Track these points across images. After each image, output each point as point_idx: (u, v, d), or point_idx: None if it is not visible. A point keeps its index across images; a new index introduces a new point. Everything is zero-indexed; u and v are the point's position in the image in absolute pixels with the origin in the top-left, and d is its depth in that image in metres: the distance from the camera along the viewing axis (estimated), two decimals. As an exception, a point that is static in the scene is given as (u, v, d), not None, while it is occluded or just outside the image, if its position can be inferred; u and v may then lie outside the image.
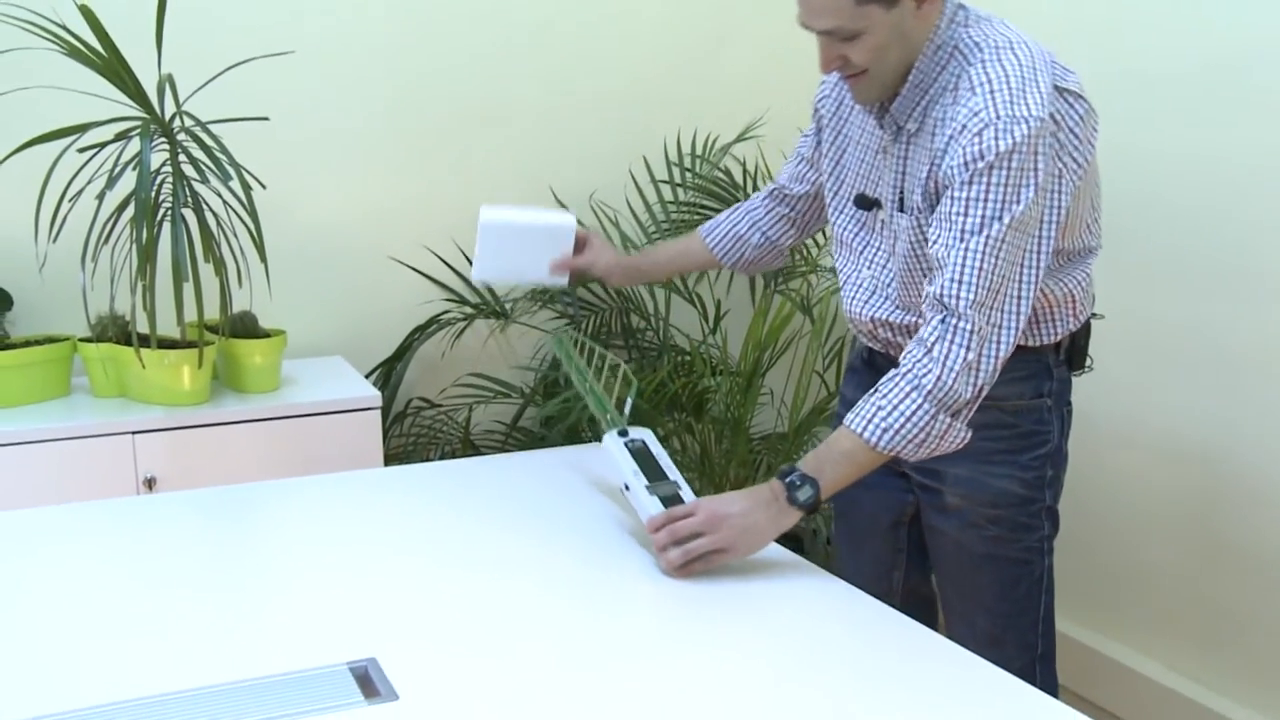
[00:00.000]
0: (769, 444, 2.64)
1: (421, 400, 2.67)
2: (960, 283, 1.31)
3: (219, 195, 2.07)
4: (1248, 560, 2.06)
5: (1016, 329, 1.33)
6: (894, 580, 1.64)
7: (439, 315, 2.64)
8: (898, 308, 1.48)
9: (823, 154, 1.55)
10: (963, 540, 1.48)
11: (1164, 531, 2.21)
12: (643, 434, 1.41)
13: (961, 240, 1.31)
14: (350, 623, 1.19)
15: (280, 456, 2.14)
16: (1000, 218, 1.29)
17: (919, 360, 1.32)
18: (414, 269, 2.63)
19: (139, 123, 1.96)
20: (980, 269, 1.30)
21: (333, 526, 1.46)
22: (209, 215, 2.02)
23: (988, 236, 1.29)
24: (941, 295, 1.33)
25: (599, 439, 1.47)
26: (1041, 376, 1.46)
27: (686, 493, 1.36)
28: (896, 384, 1.32)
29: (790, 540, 2.68)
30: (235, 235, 2.10)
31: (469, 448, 2.62)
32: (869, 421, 1.31)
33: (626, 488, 1.36)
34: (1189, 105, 2.06)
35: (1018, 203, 1.29)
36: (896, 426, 1.30)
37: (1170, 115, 2.09)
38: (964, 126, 1.30)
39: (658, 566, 1.31)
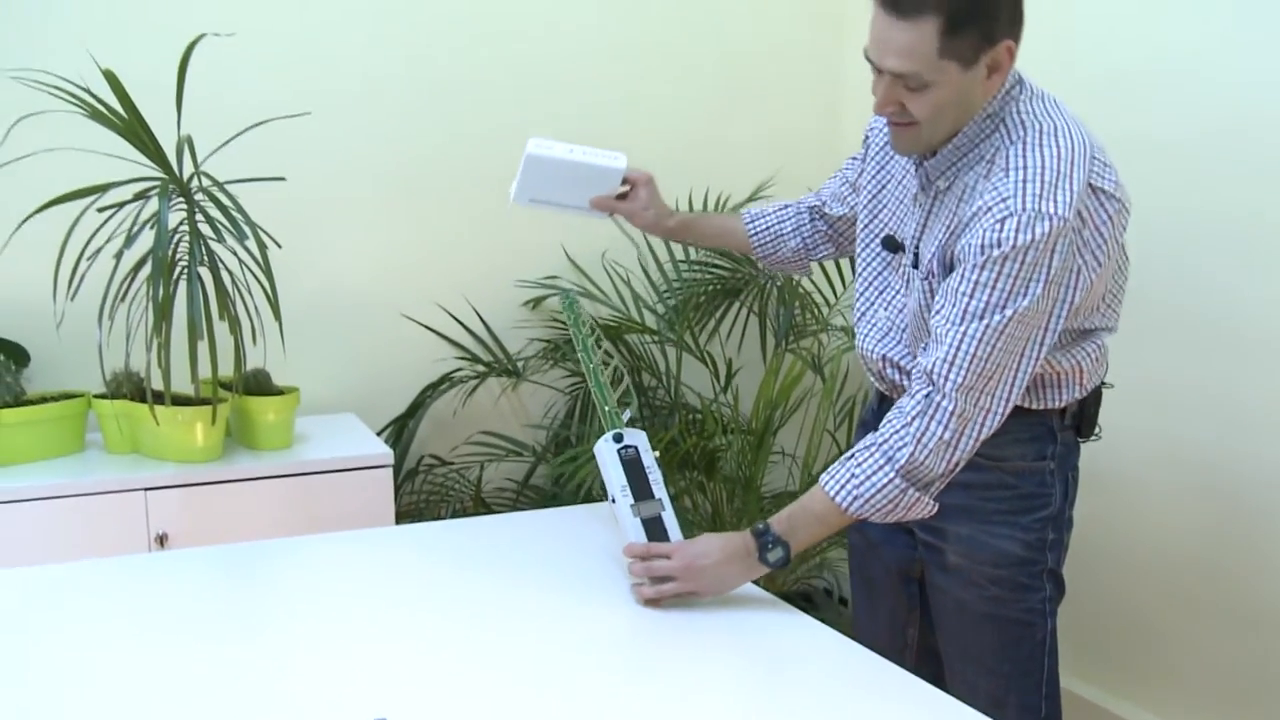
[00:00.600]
0: (780, 502, 2.62)
1: (433, 458, 2.67)
2: (951, 364, 1.32)
3: (234, 254, 2.08)
4: (1264, 617, 2.05)
5: (1002, 413, 1.36)
6: (908, 636, 1.63)
7: (451, 373, 2.64)
8: (909, 352, 1.49)
9: (863, 185, 1.55)
10: (964, 599, 1.47)
11: (1176, 586, 2.20)
12: (637, 440, 1.41)
13: (962, 322, 1.32)
14: (362, 682, 1.18)
15: (292, 514, 2.14)
16: (1004, 308, 1.29)
17: (896, 432, 1.35)
18: (427, 327, 2.63)
19: (158, 183, 1.98)
20: (974, 355, 1.31)
21: (344, 584, 1.45)
22: (224, 273, 2.03)
23: (988, 325, 1.30)
24: (931, 370, 1.34)
25: (607, 496, 1.48)
26: (1045, 440, 1.46)
27: (669, 517, 1.40)
28: (871, 454, 1.34)
29: (802, 600, 2.67)
30: (250, 293, 2.11)
31: (480, 506, 2.61)
32: (841, 486, 1.34)
33: (613, 500, 1.41)
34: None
35: (1024, 296, 1.29)
36: (867, 495, 1.33)
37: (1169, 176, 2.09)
38: (989, 209, 1.30)
39: (630, 584, 1.38)
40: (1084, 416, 1.49)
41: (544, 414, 2.76)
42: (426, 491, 2.62)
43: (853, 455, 1.36)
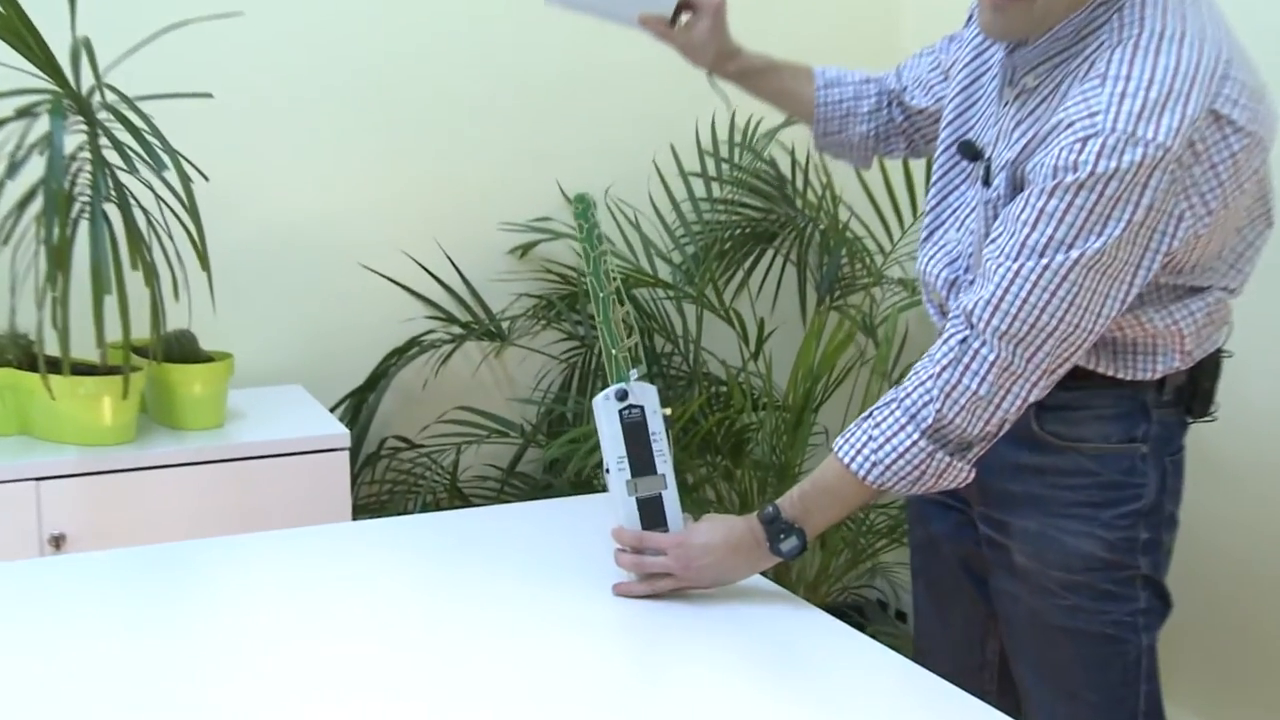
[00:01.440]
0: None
1: (399, 440, 2.66)
2: (996, 307, 1.32)
3: (150, 188, 2.04)
4: None
5: (1056, 374, 1.36)
6: (987, 650, 1.63)
7: (420, 336, 2.63)
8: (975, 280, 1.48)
9: (955, 74, 1.56)
10: (1036, 609, 1.48)
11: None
12: (644, 397, 1.44)
13: (1017, 257, 1.31)
14: (306, 717, 1.18)
15: (224, 509, 2.14)
16: (1070, 248, 1.29)
17: (922, 384, 1.37)
18: (390, 279, 2.64)
19: (48, 97, 1.93)
20: (1024, 300, 1.31)
21: (288, 595, 1.45)
22: (138, 212, 1.99)
23: (1047, 265, 1.30)
24: (971, 311, 1.34)
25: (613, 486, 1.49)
26: (1135, 417, 1.45)
27: (670, 499, 1.45)
28: (891, 412, 1.38)
29: (852, 613, 2.66)
30: (171, 237, 2.07)
31: (457, 498, 2.61)
32: (857, 452, 1.38)
33: (608, 470, 1.44)
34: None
35: (1097, 237, 1.28)
36: (887, 461, 1.37)
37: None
38: (1072, 123, 1.29)
39: (615, 564, 1.46)
40: (1194, 391, 1.48)
41: (535, 386, 2.76)
42: (391, 480, 2.61)
43: (870, 414, 1.40)
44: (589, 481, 2.48)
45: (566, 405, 2.68)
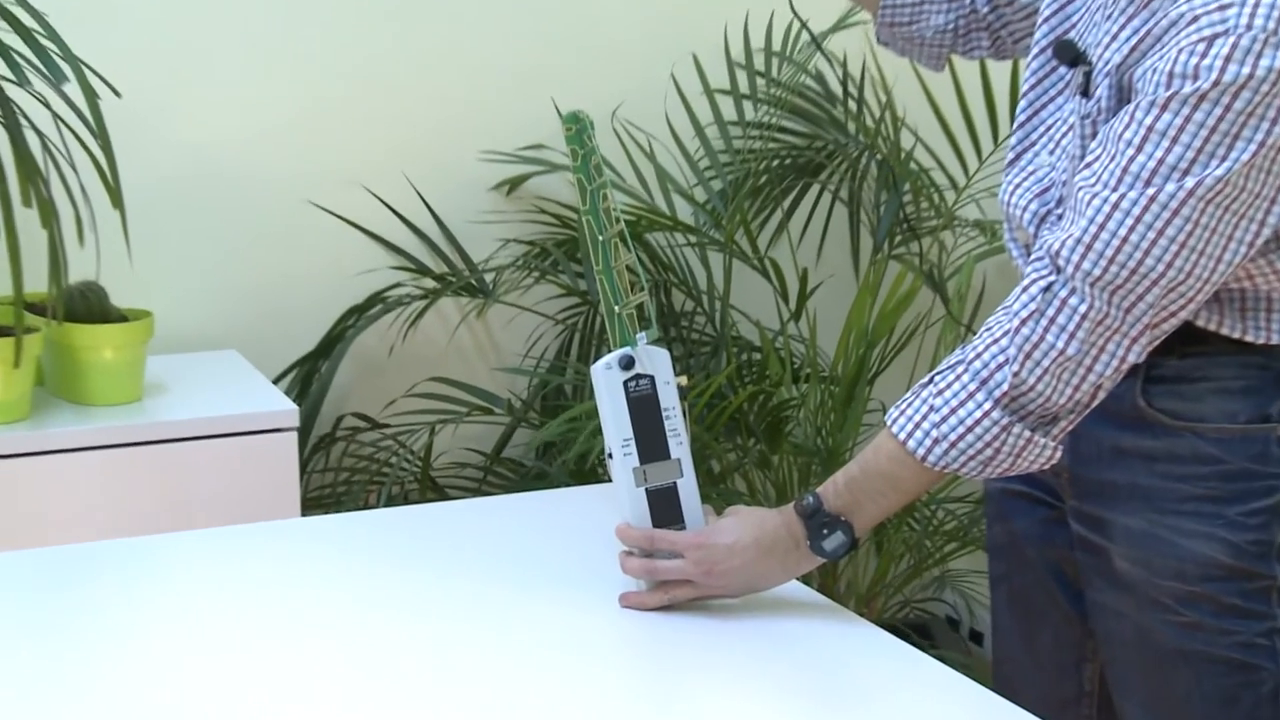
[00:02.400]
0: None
1: (359, 418, 2.68)
2: (1089, 246, 1.32)
3: (46, 105, 2.03)
4: None
5: (1164, 330, 1.36)
6: (1084, 677, 1.64)
7: (385, 291, 2.64)
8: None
9: None
10: (1144, 627, 1.49)
11: None
12: (655, 365, 1.46)
13: (1116, 185, 1.31)
14: None
15: (141, 503, 2.14)
16: (1184, 175, 1.29)
17: (996, 341, 1.38)
18: (348, 221, 2.65)
19: None
20: (1124, 238, 1.30)
21: (220, 610, 1.46)
22: (31, 135, 1.97)
23: (1154, 195, 1.29)
24: (1058, 252, 1.34)
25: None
26: (1268, 391, 1.45)
27: (688, 488, 1.47)
28: (958, 376, 1.39)
29: (915, 632, 2.67)
30: (74, 167, 2.06)
31: (430, 488, 2.62)
32: (916, 425, 1.40)
33: (611, 455, 1.46)
34: None
35: (1220, 161, 1.28)
36: (953, 438, 1.38)
37: None
38: (1196, 17, 1.28)
39: (622, 569, 1.47)
40: None
41: (525, 352, 2.77)
42: (349, 469, 2.63)
43: (932, 380, 1.41)
44: (592, 469, 2.48)
45: (564, 376, 2.69)
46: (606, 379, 1.45)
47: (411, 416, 2.67)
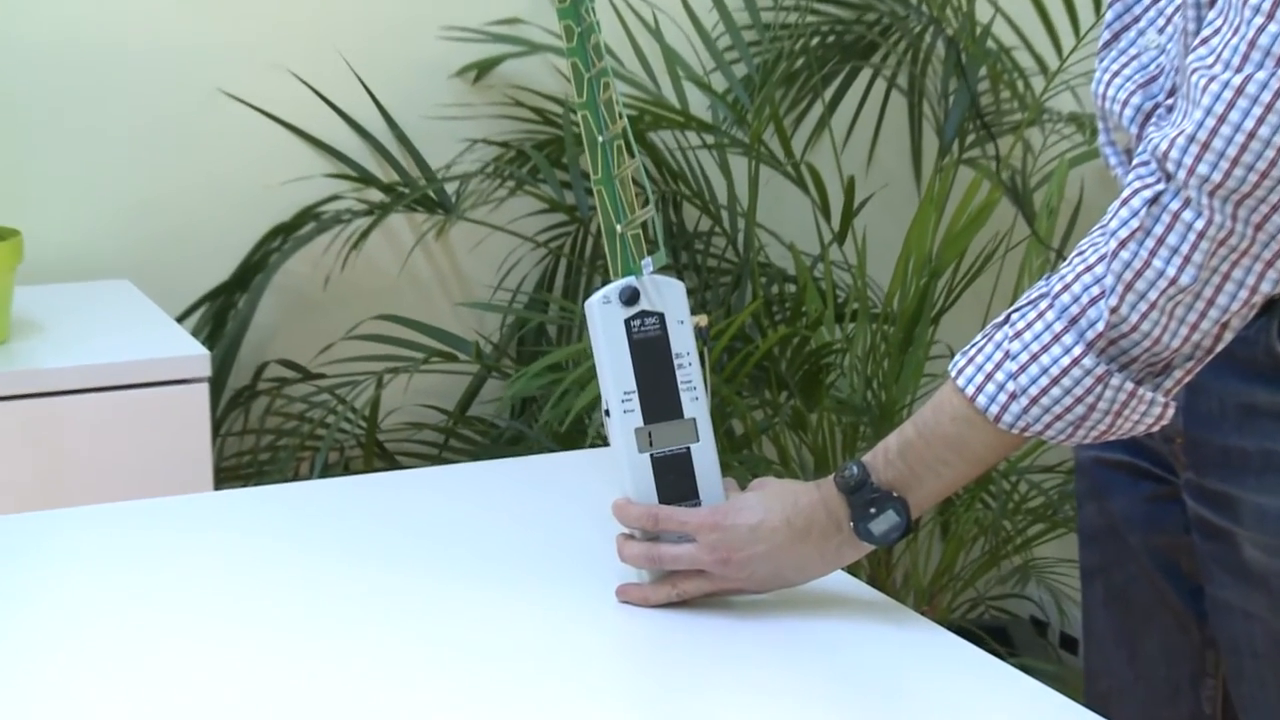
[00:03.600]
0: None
1: (286, 366, 2.70)
2: (1206, 145, 1.30)
3: None
4: None
5: None
6: (1201, 695, 1.64)
7: (318, 206, 2.66)
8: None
9: None
10: (1278, 629, 1.48)
11: None
12: (665, 298, 1.47)
13: (1241, 65, 1.30)
14: None
15: (12, 470, 2.15)
16: None
17: (1089, 268, 1.37)
18: (268, 115, 2.65)
19: None
20: (1252, 132, 1.29)
21: (113, 603, 1.45)
22: None
23: None
24: (1167, 154, 1.33)
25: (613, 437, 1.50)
26: None
27: (704, 453, 1.48)
28: (1041, 313, 1.38)
29: (991, 636, 2.68)
30: None
31: (377, 455, 2.65)
32: (988, 376, 1.39)
33: (608, 413, 1.46)
34: None
35: None
36: (1034, 391, 1.37)
37: None
38: None
39: (619, 557, 1.47)
40: None
41: (497, 283, 2.79)
42: (274, 430, 2.65)
43: (1008, 319, 1.40)
44: (582, 431, 2.49)
45: (547, 314, 2.70)
46: (604, 317, 1.45)
47: (353, 364, 2.68)
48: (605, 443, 1.54)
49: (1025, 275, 2.49)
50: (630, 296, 1.45)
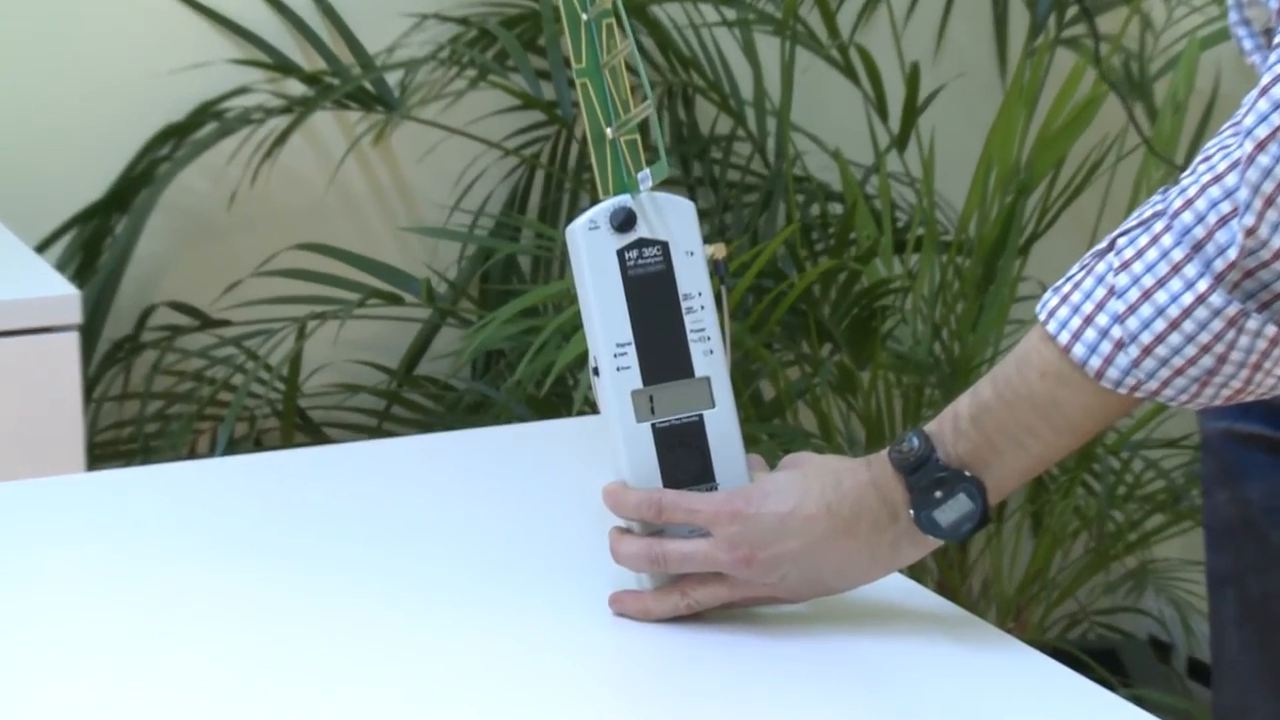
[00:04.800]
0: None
1: (180, 310, 2.72)
2: None
3: None
4: None
5: None
6: None
7: (220, 102, 2.67)
8: None
9: None
10: None
11: None
12: (670, 221, 1.47)
13: None
14: None
15: None
16: None
17: (1220, 178, 1.35)
18: None
19: None
20: None
21: None
22: None
23: None
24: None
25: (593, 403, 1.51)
26: None
27: (721, 421, 1.48)
28: (1157, 238, 1.37)
29: (1097, 660, 2.68)
30: None
31: (299, 426, 2.67)
32: (1087, 320, 1.39)
33: (597, 370, 1.46)
34: None
35: None
36: (1148, 340, 1.36)
37: None
38: None
39: (613, 556, 1.46)
40: None
41: (453, 203, 2.81)
42: (165, 393, 2.68)
43: (1113, 244, 1.38)
44: (564, 394, 2.51)
45: (518, 242, 2.71)
46: (590, 247, 1.45)
47: (267, 308, 2.68)
48: (595, 409, 1.53)
49: (1141, 191, 2.50)
50: (624, 220, 1.45)
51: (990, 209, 2.52)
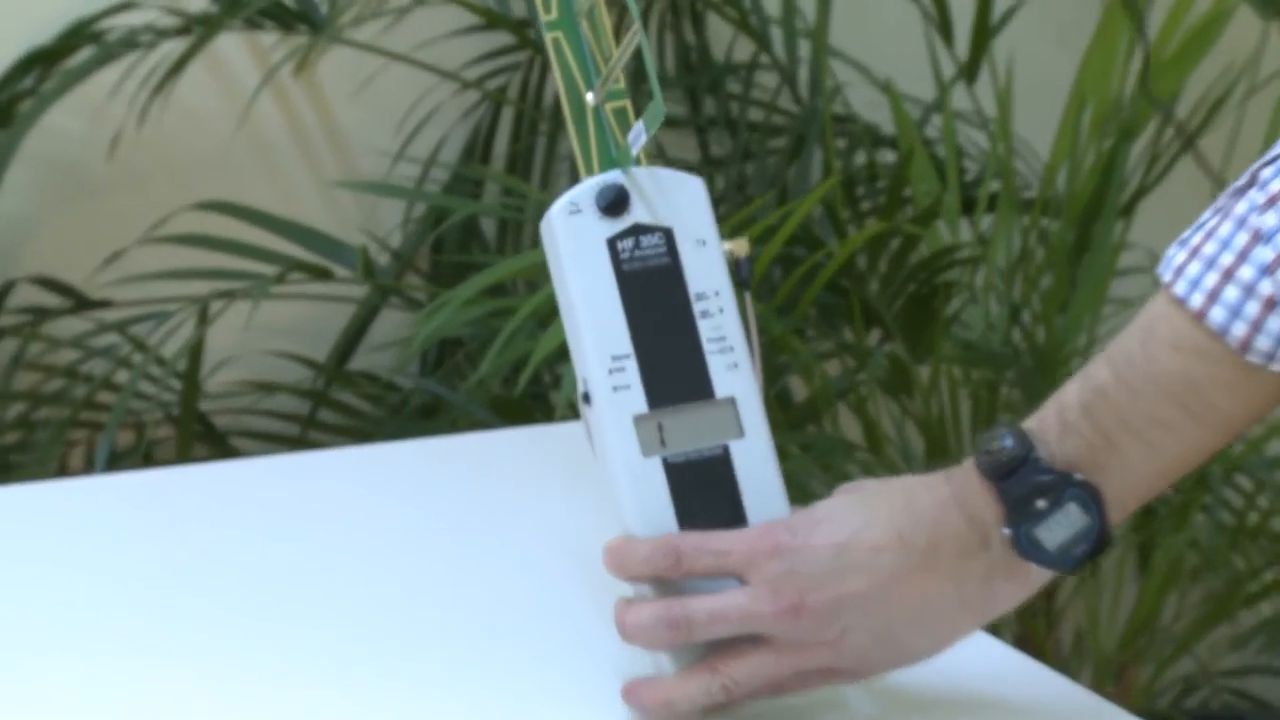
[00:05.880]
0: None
1: (48, 287, 2.74)
2: None
3: None
4: None
5: None
6: None
7: (97, 20, 2.67)
8: None
9: None
10: None
11: None
12: (674, 201, 1.47)
13: None
14: None
15: None
16: None
17: None
18: None
19: None
20: None
21: None
22: None
23: None
24: None
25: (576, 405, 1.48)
26: None
27: (753, 454, 1.47)
28: None
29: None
30: None
31: (201, 436, 2.68)
32: (1226, 274, 1.39)
33: (586, 397, 1.45)
34: None
35: None
36: None
37: None
38: None
39: (620, 632, 1.43)
40: None
41: (398, 150, 2.82)
42: (29, 393, 2.68)
43: (1255, 179, 1.39)
44: (538, 394, 2.52)
45: (480, 202, 2.73)
46: (573, 235, 1.45)
47: (159, 285, 2.69)
48: (569, 413, 1.52)
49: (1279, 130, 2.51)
50: (614, 201, 1.45)
51: (1084, 157, 2.53)
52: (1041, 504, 1.39)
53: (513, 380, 2.46)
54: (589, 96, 1.47)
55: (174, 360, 2.64)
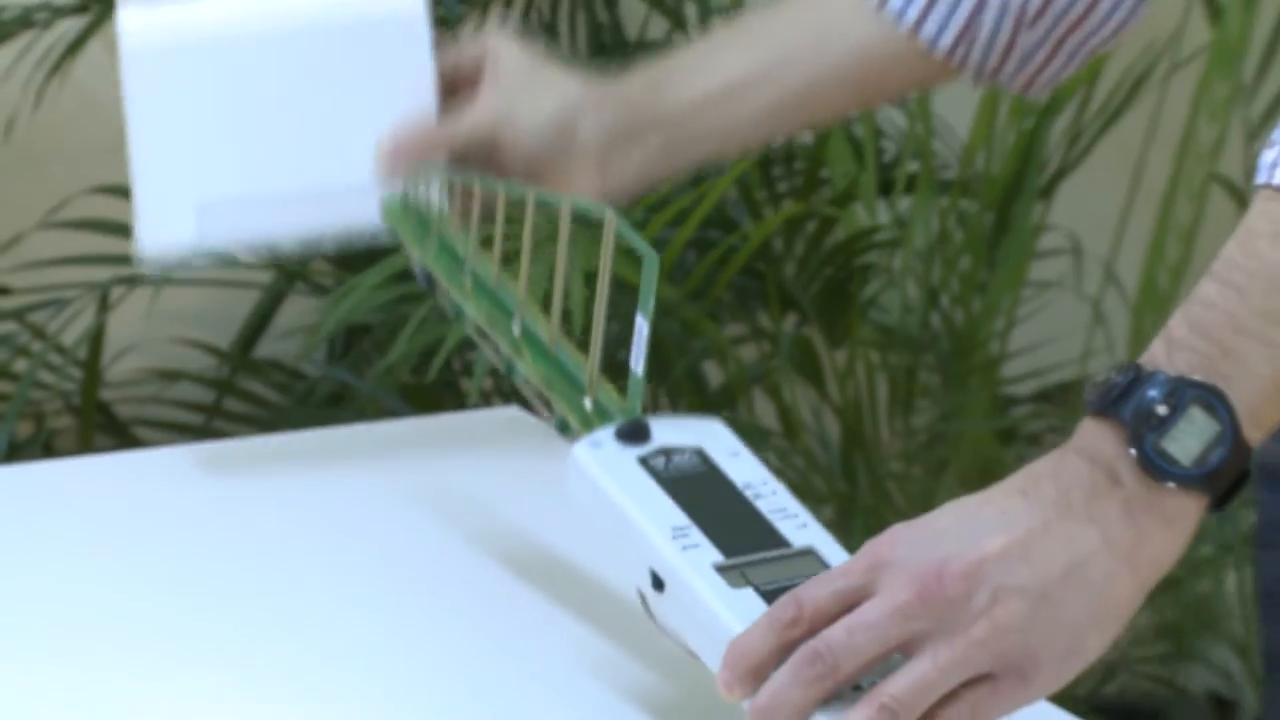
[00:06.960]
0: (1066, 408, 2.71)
1: None
2: None
3: None
4: None
5: None
6: None
7: None
8: None
9: None
10: None
11: None
12: (690, 432, 1.45)
13: None
14: None
15: None
16: None
17: None
18: None
19: None
20: None
21: None
22: None
23: None
24: None
25: (518, 397, 1.50)
26: None
27: (820, 547, 1.42)
28: None
29: None
30: None
31: (99, 424, 2.67)
32: None
33: (658, 584, 1.41)
34: None
35: None
36: None
37: None
38: None
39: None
40: None
41: None
42: None
43: None
44: (451, 382, 2.52)
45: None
46: (603, 462, 1.44)
47: (58, 271, 2.69)
48: (497, 398, 1.50)
49: (1202, 110, 2.47)
50: (634, 431, 1.44)
51: (1004, 137, 2.55)
52: (1162, 409, 1.33)
53: (421, 368, 2.45)
54: (514, 328, 1.51)
55: (74, 348, 2.65)
